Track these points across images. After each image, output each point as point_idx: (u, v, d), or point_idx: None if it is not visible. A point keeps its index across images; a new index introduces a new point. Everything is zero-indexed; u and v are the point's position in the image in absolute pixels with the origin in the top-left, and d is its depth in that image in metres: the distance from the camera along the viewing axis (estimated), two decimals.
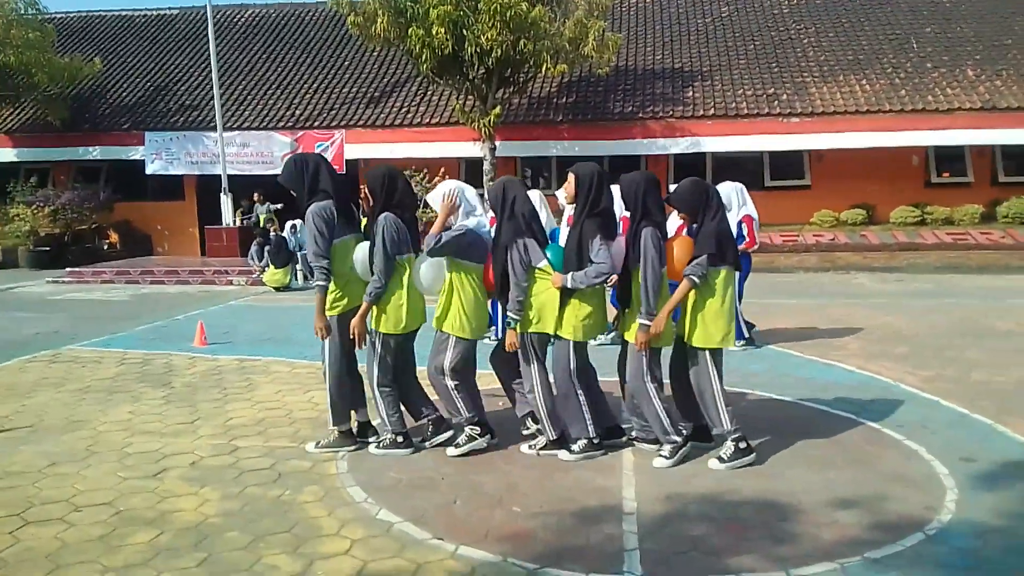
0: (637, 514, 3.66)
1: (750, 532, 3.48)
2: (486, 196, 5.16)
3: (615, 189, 4.47)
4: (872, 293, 11.25)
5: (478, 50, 13.48)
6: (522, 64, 14.47)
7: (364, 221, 4.63)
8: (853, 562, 3.20)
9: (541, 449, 4.49)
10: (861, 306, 9.83)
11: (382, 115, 17.32)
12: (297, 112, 17.80)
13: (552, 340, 4.41)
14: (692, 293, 4.19)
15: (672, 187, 16.01)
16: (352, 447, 4.59)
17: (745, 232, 6.93)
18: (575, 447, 4.41)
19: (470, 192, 4.51)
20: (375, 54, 18.84)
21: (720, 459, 4.24)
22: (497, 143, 15.19)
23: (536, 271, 4.33)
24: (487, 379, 4.89)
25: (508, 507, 3.77)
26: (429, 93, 17.49)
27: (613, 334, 5.95)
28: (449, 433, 4.59)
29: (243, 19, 21.63)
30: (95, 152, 17.77)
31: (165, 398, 5.76)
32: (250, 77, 19.11)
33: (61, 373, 6.60)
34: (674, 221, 4.90)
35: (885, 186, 15.80)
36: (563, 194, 4.61)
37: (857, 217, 15.52)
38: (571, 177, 4.39)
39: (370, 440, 4.64)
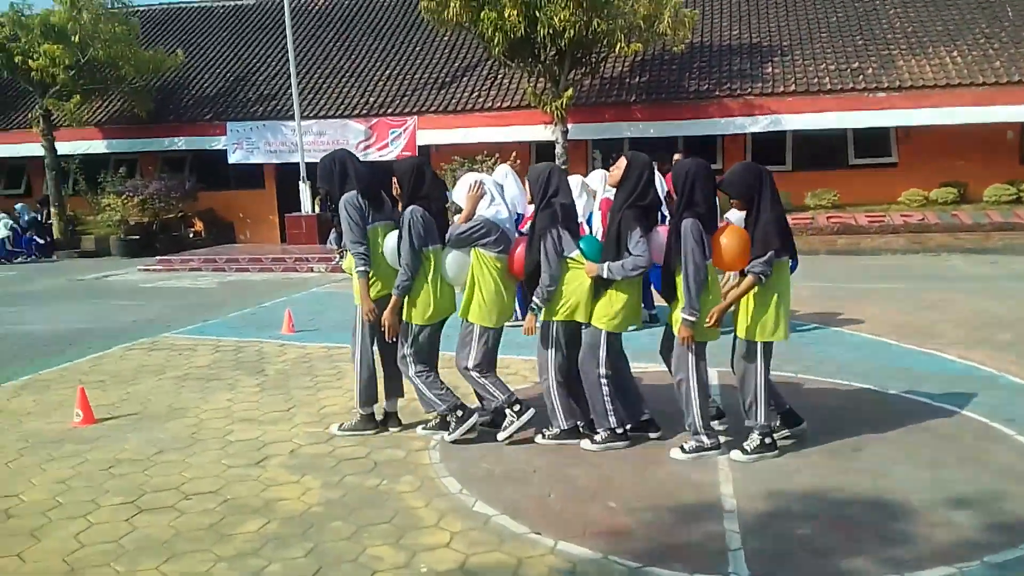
0: (738, 512, 3.58)
1: (859, 532, 3.37)
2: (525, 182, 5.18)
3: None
4: (966, 276, 10.72)
5: (551, 31, 13.34)
6: (595, 44, 14.26)
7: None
8: (972, 567, 3.06)
9: (554, 438, 4.51)
10: (956, 290, 9.38)
11: (453, 100, 17.36)
12: (371, 99, 18.01)
13: (584, 326, 4.39)
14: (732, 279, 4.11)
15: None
16: (372, 431, 4.77)
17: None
18: (597, 438, 4.42)
19: (490, 183, 4.59)
20: (446, 38, 18.86)
21: (743, 450, 4.21)
22: (569, 126, 15.03)
23: (568, 260, 4.33)
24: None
25: (603, 501, 3.74)
26: (500, 77, 17.43)
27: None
28: (469, 423, 4.56)
29: (316, 7, 21.94)
30: (180, 143, 18.38)
31: (260, 386, 5.94)
32: (325, 65, 19.41)
33: (160, 360, 6.88)
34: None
35: (977, 163, 14.99)
36: (600, 177, 4.54)
37: (948, 196, 14.78)
38: (622, 162, 4.35)
39: (418, 429, 4.80)
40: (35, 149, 18.24)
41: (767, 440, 4.21)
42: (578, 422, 4.55)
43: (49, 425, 5.10)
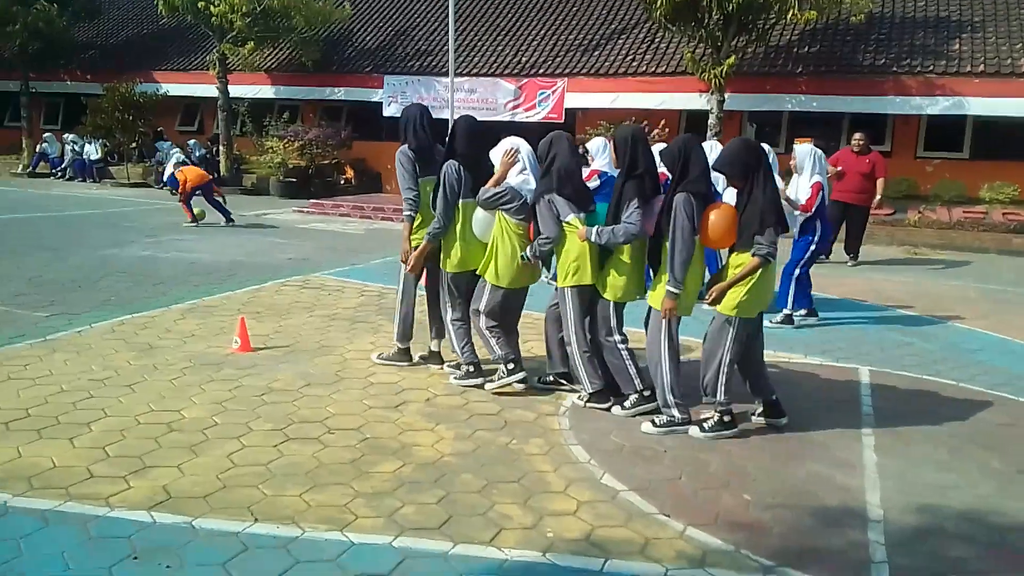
0: (884, 523, 3.35)
1: (1022, 563, 3.06)
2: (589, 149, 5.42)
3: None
4: None
5: None
6: (765, 10, 13.50)
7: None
8: None
9: (587, 402, 4.60)
10: None
11: (605, 63, 17.02)
12: (523, 59, 17.97)
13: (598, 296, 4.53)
14: (733, 259, 4.13)
15: (924, 152, 13.99)
16: (406, 363, 5.24)
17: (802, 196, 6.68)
18: (627, 403, 4.53)
19: (525, 150, 4.72)
20: (603, 0, 18.48)
21: (701, 428, 4.23)
22: (726, 95, 14.38)
23: (566, 225, 4.45)
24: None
25: (736, 492, 3.60)
26: (657, 40, 16.89)
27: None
28: (478, 380, 4.87)
29: None
30: (339, 93, 19.13)
31: None
32: (481, 23, 19.53)
33: (311, 298, 7.26)
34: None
35: None
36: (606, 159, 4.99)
37: None
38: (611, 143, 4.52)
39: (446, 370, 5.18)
40: (210, 90, 19.55)
41: (726, 418, 4.23)
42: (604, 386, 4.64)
43: (210, 349, 5.50)
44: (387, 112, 18.39)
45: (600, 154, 5.79)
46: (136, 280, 7.74)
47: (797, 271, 6.88)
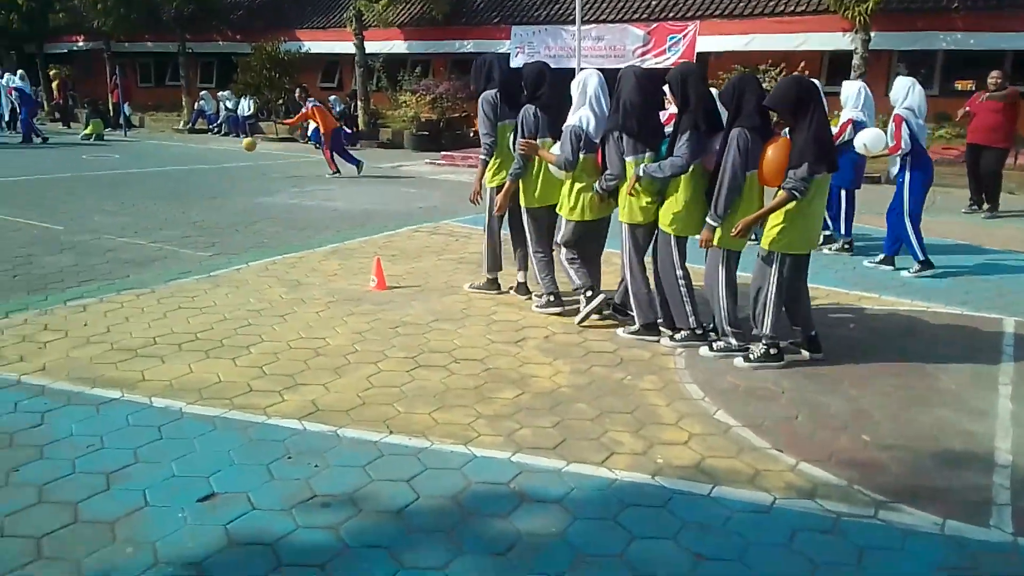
0: (1012, 467, 3.26)
1: None
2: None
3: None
4: None
5: None
6: None
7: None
8: None
9: (633, 333, 4.83)
10: None
11: (740, 3, 16.32)
12: (652, 3, 17.53)
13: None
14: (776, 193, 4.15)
15: None
16: (495, 292, 5.69)
17: (891, 135, 6.41)
18: (677, 336, 4.70)
19: (591, 86, 4.88)
20: None
21: (747, 358, 4.36)
22: (872, 34, 13.46)
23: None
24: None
25: (855, 433, 3.59)
26: None
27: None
28: (558, 308, 5.26)
29: None
30: (468, 45, 19.43)
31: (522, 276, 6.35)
32: None
33: (440, 244, 7.62)
34: None
35: None
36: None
37: None
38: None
39: (532, 298, 5.55)
40: (347, 47, 20.35)
41: (772, 351, 4.32)
42: (658, 319, 4.85)
43: (350, 286, 5.94)
44: (514, 63, 18.45)
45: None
46: (285, 225, 8.39)
47: (907, 221, 6.48)
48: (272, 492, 2.94)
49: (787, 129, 4.26)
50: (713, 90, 4.76)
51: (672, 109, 5.14)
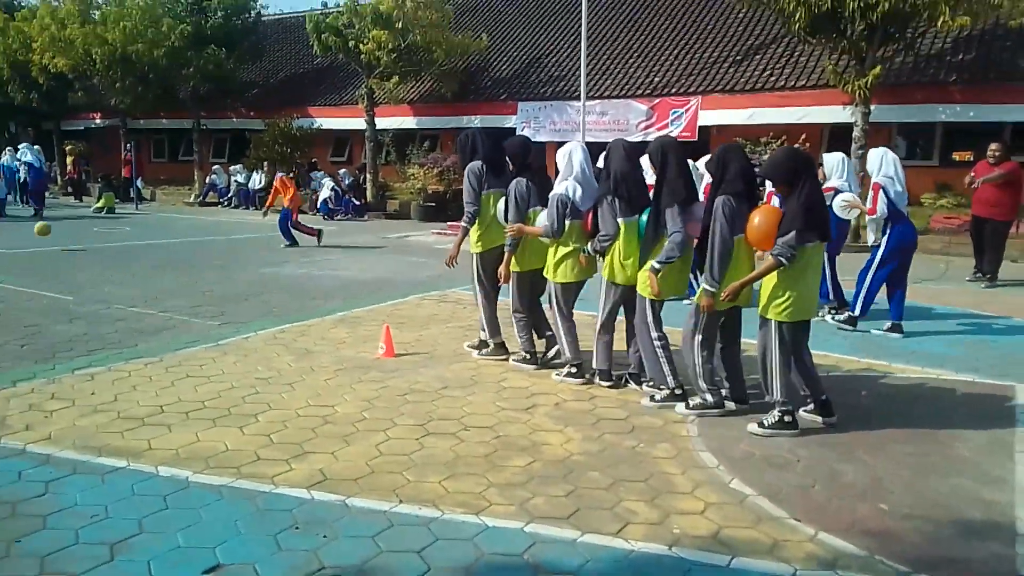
0: None
1: None
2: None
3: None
4: None
5: (861, 4, 12.27)
6: (913, 17, 12.87)
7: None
8: None
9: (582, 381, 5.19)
10: None
11: (742, 79, 16.77)
12: (655, 79, 18.02)
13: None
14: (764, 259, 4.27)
15: None
16: (503, 357, 5.75)
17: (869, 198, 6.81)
18: (657, 396, 4.84)
19: (576, 158, 5.21)
20: (739, 15, 18.23)
21: (761, 424, 4.36)
22: (872, 107, 13.77)
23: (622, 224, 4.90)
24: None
25: (873, 502, 3.51)
26: (797, 54, 16.48)
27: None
28: (532, 367, 5.57)
29: None
30: (476, 121, 19.87)
31: None
32: (613, 46, 19.77)
33: (448, 312, 7.64)
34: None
35: None
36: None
37: None
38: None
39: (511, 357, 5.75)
40: (358, 123, 20.90)
41: (786, 418, 4.32)
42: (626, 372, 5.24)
43: (358, 354, 5.94)
44: None
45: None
46: (293, 294, 8.45)
47: (868, 276, 6.88)
48: (279, 563, 2.87)
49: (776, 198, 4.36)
50: (691, 161, 5.05)
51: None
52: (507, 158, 5.57)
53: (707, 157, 5.47)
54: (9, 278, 9.00)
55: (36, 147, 19.34)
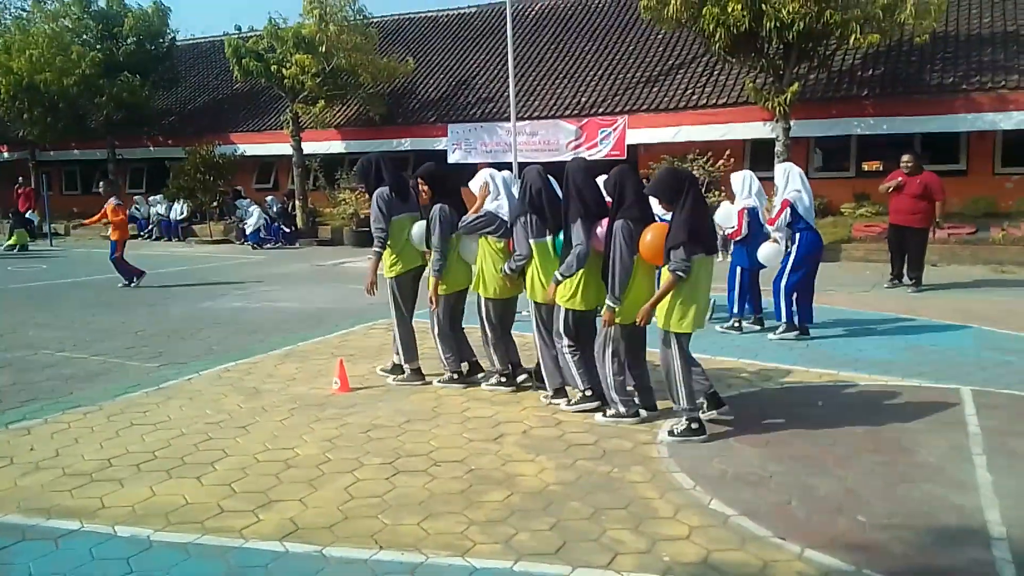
0: (1009, 540, 3.27)
1: None
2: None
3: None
4: None
5: (777, 24, 12.79)
6: (826, 36, 13.48)
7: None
8: None
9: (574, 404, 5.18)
10: None
11: (665, 98, 17.19)
12: (583, 99, 18.30)
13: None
14: (663, 276, 4.51)
15: (1002, 169, 13.81)
16: (420, 383, 5.82)
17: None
18: (574, 399, 5.19)
19: (499, 180, 5.47)
20: (660, 36, 18.74)
21: (671, 432, 4.61)
22: (792, 122, 14.32)
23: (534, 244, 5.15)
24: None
25: (850, 514, 3.57)
26: (716, 73, 17.01)
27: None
28: (460, 386, 5.73)
29: (533, 12, 22.66)
30: (406, 143, 19.77)
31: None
32: (540, 68, 20.00)
33: None
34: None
35: None
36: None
37: None
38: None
39: (435, 380, 5.85)
40: (284, 148, 20.47)
41: (694, 425, 4.57)
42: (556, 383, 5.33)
43: (312, 390, 5.73)
44: (451, 159, 18.90)
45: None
46: (233, 329, 8.13)
47: (782, 284, 7.25)
48: None
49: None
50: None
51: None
52: (423, 184, 5.64)
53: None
54: None
55: None
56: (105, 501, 3.74)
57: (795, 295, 7.28)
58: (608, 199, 4.94)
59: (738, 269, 7.62)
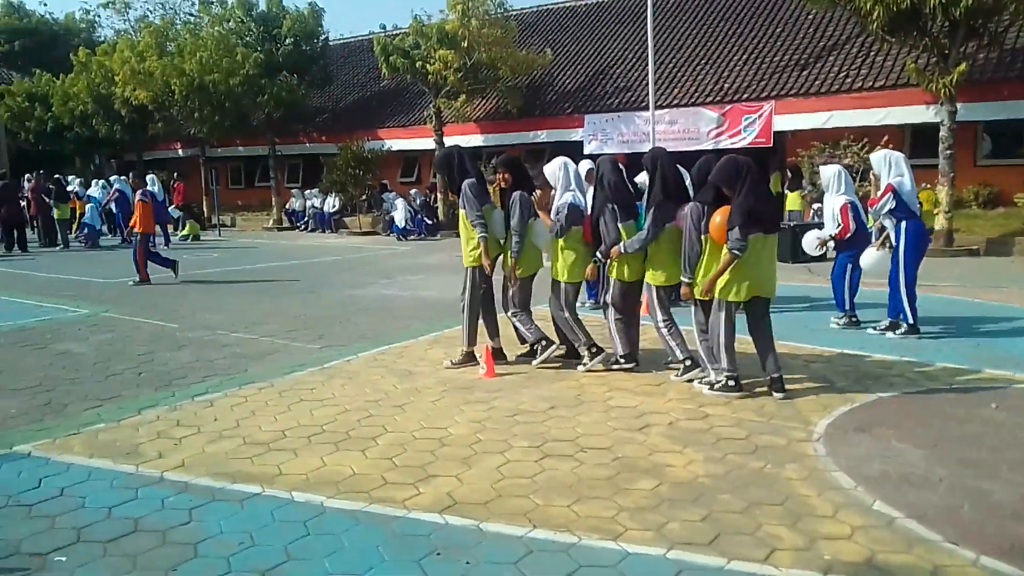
0: None
1: None
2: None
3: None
4: None
5: (943, 0, 11.86)
6: (998, 12, 12.38)
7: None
8: None
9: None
10: None
11: (816, 82, 16.39)
12: (725, 85, 17.77)
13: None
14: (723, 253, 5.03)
15: None
16: (473, 364, 6.07)
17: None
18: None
19: (571, 170, 6.00)
20: (811, 17, 17.86)
21: (711, 386, 5.24)
22: (958, 105, 13.25)
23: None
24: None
25: None
26: (873, 54, 16.02)
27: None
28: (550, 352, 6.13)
29: None
30: (542, 135, 19.98)
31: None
32: (680, 55, 19.59)
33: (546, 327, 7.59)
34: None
35: None
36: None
37: None
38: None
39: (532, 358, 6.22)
40: (426, 143, 21.20)
41: (730, 383, 5.16)
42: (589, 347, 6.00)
43: (460, 374, 5.97)
44: (587, 150, 18.87)
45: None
46: (382, 316, 8.57)
47: (901, 282, 6.83)
48: None
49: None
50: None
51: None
52: (504, 172, 6.05)
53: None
54: (112, 307, 9.39)
55: (151, 176, 19.46)
56: (282, 469, 4.08)
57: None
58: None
59: (848, 266, 7.31)
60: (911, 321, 6.81)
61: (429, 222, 19.88)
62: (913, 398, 5.15)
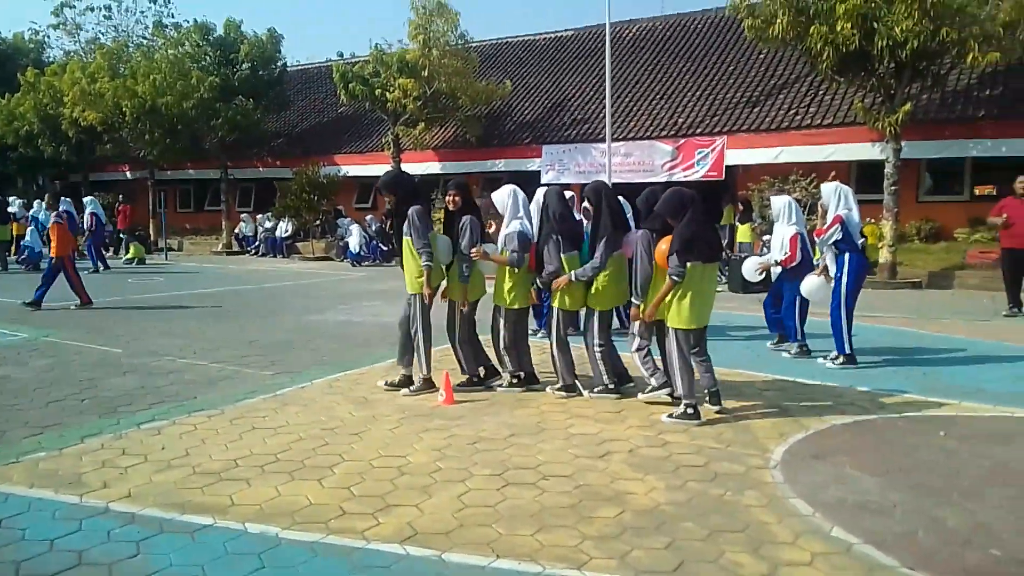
0: None
1: None
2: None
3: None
4: None
5: (889, 43, 12.37)
6: (941, 55, 12.95)
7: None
8: None
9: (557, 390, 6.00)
10: None
11: (767, 118, 16.87)
12: (679, 120, 18.17)
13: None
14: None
15: None
16: (432, 390, 6.03)
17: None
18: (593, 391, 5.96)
19: (520, 198, 6.16)
20: (762, 56, 18.44)
21: (670, 415, 5.32)
22: (903, 143, 13.77)
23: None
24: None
25: (982, 548, 3.39)
26: (822, 93, 16.59)
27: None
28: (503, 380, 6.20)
29: (630, 34, 22.72)
30: (500, 164, 20.11)
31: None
32: (637, 90, 20.00)
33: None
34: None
35: None
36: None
37: None
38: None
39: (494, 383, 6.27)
40: (383, 169, 21.07)
41: (689, 411, 5.25)
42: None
43: (418, 401, 5.88)
44: (545, 179, 19.04)
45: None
46: (339, 342, 8.43)
47: (841, 313, 6.96)
48: None
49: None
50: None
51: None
52: (456, 196, 6.12)
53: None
54: (53, 331, 9.06)
55: (90, 198, 18.71)
56: (234, 499, 3.94)
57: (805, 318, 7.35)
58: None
59: (796, 297, 7.45)
60: (847, 351, 6.96)
61: (384, 248, 19.74)
62: (865, 425, 5.25)
